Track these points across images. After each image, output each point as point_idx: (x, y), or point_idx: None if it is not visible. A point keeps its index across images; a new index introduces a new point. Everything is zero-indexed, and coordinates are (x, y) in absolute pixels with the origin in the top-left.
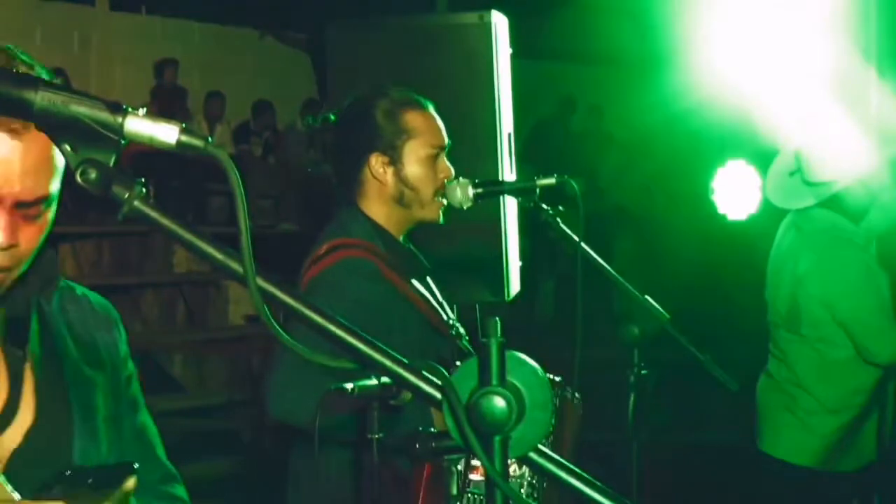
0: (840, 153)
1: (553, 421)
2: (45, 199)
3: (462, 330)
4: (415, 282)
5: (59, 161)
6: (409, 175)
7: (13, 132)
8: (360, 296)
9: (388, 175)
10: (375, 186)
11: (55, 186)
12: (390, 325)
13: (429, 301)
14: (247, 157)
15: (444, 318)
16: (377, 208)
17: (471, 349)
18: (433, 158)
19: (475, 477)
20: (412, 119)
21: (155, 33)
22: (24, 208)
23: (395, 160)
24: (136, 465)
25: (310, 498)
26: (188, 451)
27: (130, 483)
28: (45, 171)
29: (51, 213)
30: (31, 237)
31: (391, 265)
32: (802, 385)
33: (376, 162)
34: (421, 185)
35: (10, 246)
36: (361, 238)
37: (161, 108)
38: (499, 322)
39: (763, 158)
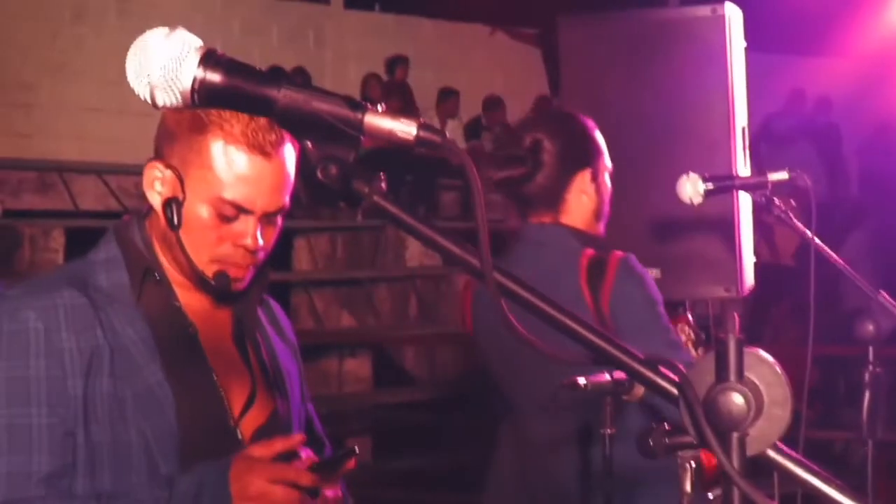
0: None
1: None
2: (283, 209)
3: None
4: None
5: (292, 175)
6: (603, 192)
7: (266, 155)
8: None
9: (592, 190)
10: (581, 201)
11: (288, 198)
12: None
13: None
14: (478, 152)
15: None
16: (580, 222)
17: None
18: None
19: None
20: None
21: (388, 30)
22: (267, 217)
23: (595, 176)
24: (356, 450)
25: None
26: (418, 444)
27: (350, 464)
28: (287, 185)
29: (280, 220)
30: (270, 241)
31: None
32: None
33: (588, 177)
34: (607, 202)
35: (260, 249)
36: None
37: (389, 105)
38: (736, 318)
39: None
